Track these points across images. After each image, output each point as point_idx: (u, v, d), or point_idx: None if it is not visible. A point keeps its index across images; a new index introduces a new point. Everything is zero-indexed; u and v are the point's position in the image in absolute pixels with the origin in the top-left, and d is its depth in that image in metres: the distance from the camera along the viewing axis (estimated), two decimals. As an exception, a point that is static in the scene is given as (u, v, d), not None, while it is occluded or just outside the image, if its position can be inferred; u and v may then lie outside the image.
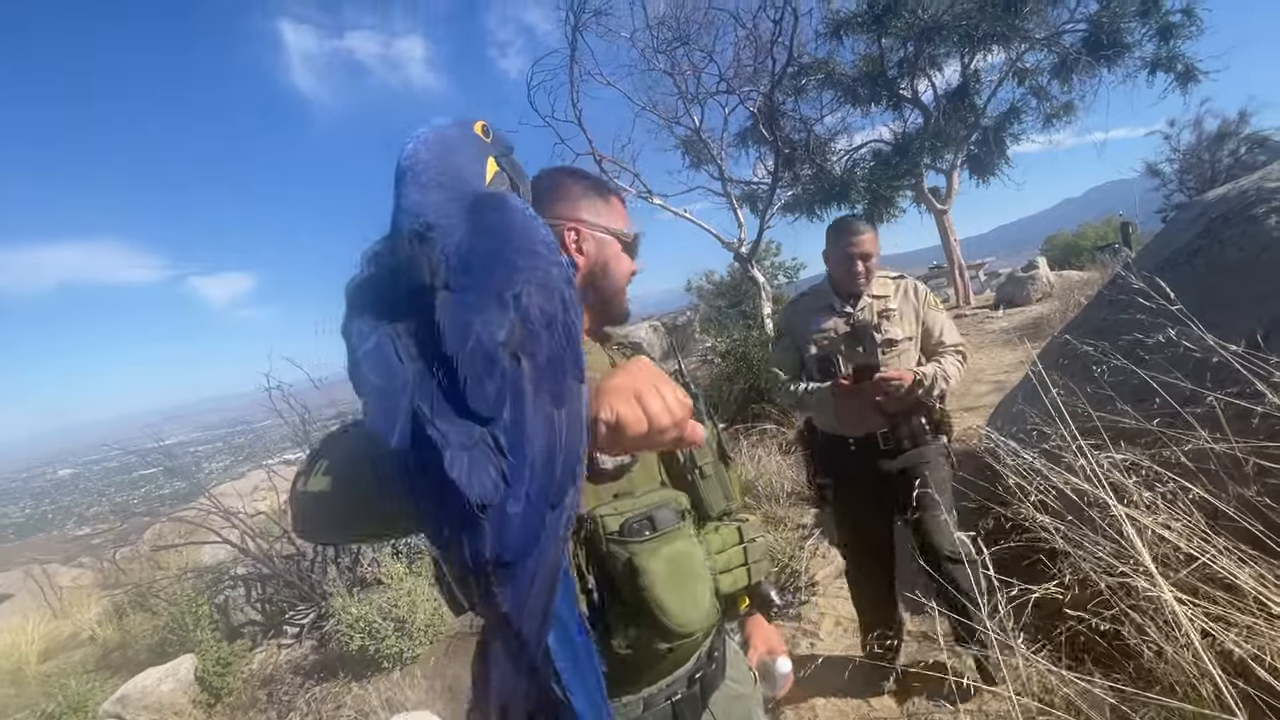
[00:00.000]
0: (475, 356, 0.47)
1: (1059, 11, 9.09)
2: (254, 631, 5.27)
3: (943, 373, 2.05)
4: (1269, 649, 0.99)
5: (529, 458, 0.46)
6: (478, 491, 0.44)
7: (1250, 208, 2.54)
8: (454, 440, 0.45)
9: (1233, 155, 12.60)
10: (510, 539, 0.45)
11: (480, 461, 0.45)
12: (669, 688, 0.84)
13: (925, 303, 2.14)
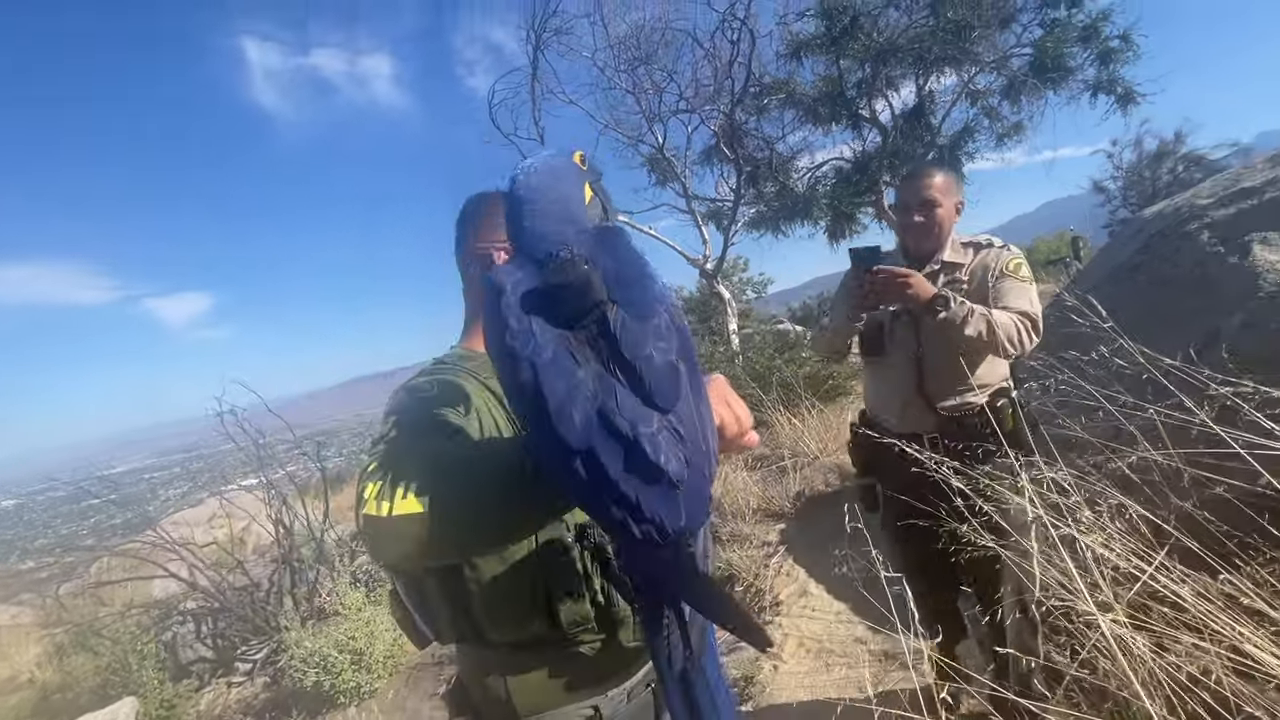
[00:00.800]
0: (654, 359, 0.56)
1: (1006, 36, 9.47)
2: (203, 669, 5.02)
3: (983, 313, 1.59)
4: (1212, 667, 0.99)
5: (699, 441, 0.56)
6: (674, 469, 0.52)
7: (1185, 224, 2.64)
8: (643, 430, 0.53)
9: (1171, 173, 13.27)
10: (697, 509, 0.54)
11: (669, 445, 0.53)
12: (647, 674, 0.91)
13: (1001, 269, 1.75)
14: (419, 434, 0.73)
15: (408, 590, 0.89)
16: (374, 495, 0.62)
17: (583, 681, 0.86)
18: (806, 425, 5.13)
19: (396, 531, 0.61)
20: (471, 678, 0.90)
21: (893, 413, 1.82)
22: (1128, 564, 1.12)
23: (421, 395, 0.81)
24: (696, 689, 0.61)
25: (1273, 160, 2.60)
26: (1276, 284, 2.01)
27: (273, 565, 5.61)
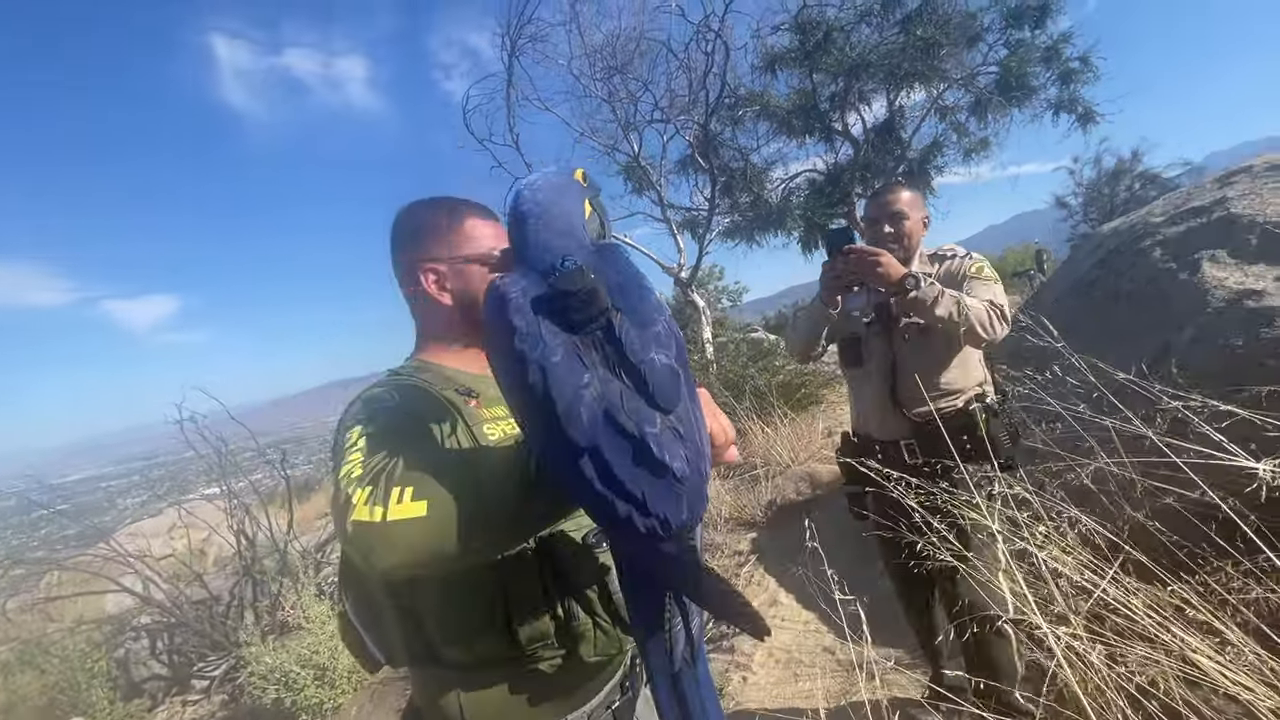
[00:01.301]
0: (656, 364, 0.60)
1: (973, 55, 9.74)
2: (157, 688, 4.84)
3: (953, 294, 1.61)
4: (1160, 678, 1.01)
5: (696, 441, 0.59)
6: (678, 466, 0.56)
7: (1139, 240, 2.73)
8: (649, 429, 0.56)
9: (1128, 190, 13.78)
10: (697, 504, 0.58)
11: (673, 443, 0.57)
12: (607, 696, 0.90)
13: (965, 273, 1.79)
14: (402, 439, 0.72)
15: (358, 611, 0.86)
16: (364, 501, 0.61)
17: (542, 699, 0.84)
18: (779, 434, 5.17)
19: (395, 537, 0.60)
20: (425, 700, 0.87)
21: (873, 421, 1.87)
22: (1080, 577, 1.14)
23: (388, 404, 0.79)
24: (687, 687, 0.62)
25: (1220, 181, 2.71)
26: (1224, 300, 2.08)
27: (234, 578, 5.44)
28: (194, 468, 7.60)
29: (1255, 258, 2.13)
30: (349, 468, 0.66)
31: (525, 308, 0.61)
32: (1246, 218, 2.28)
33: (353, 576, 0.87)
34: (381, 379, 0.90)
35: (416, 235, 0.93)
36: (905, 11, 9.15)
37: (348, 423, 0.75)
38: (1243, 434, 1.36)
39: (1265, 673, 0.95)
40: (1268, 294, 1.97)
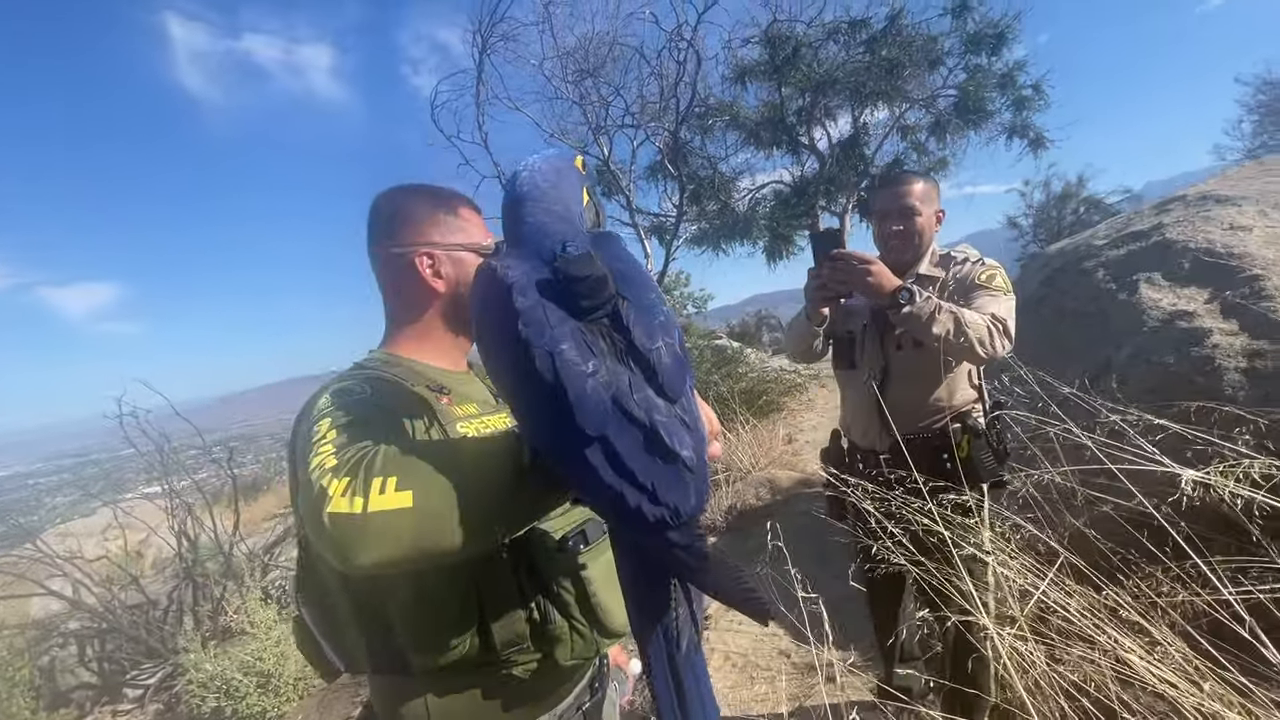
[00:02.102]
0: (663, 352, 0.58)
1: (934, 78, 10.11)
2: (85, 697, 4.58)
3: (951, 310, 1.48)
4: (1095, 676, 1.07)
5: (700, 430, 0.59)
6: (687, 455, 0.55)
7: (1083, 261, 2.87)
8: (658, 417, 0.55)
9: (1074, 213, 14.48)
10: (704, 491, 0.57)
11: (681, 431, 0.56)
12: (578, 698, 0.89)
13: (974, 281, 1.65)
14: (378, 431, 0.68)
15: (316, 617, 0.82)
16: (341, 492, 0.57)
17: (515, 704, 0.81)
18: (740, 440, 5.24)
19: (378, 529, 0.56)
20: (386, 708, 0.83)
21: (858, 428, 1.80)
22: (1024, 580, 1.19)
23: (359, 395, 0.76)
24: (685, 675, 0.60)
25: (1158, 208, 2.88)
26: (1159, 320, 2.21)
27: (173, 581, 5.20)
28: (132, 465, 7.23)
29: (1187, 281, 2.27)
30: (320, 459, 0.62)
31: (530, 291, 0.58)
32: (1180, 243, 2.43)
33: (311, 579, 0.82)
34: (346, 372, 0.87)
35: (409, 220, 0.90)
36: (871, 32, 9.43)
37: (314, 416, 0.71)
38: (1174, 446, 1.44)
39: (1189, 670, 1.01)
40: (1198, 315, 2.10)
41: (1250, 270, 2.10)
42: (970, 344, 1.47)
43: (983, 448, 1.65)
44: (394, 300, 0.94)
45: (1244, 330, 1.97)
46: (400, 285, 0.91)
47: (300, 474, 0.65)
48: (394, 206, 0.92)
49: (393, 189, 0.94)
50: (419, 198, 0.93)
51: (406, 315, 0.93)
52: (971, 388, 1.73)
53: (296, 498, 0.72)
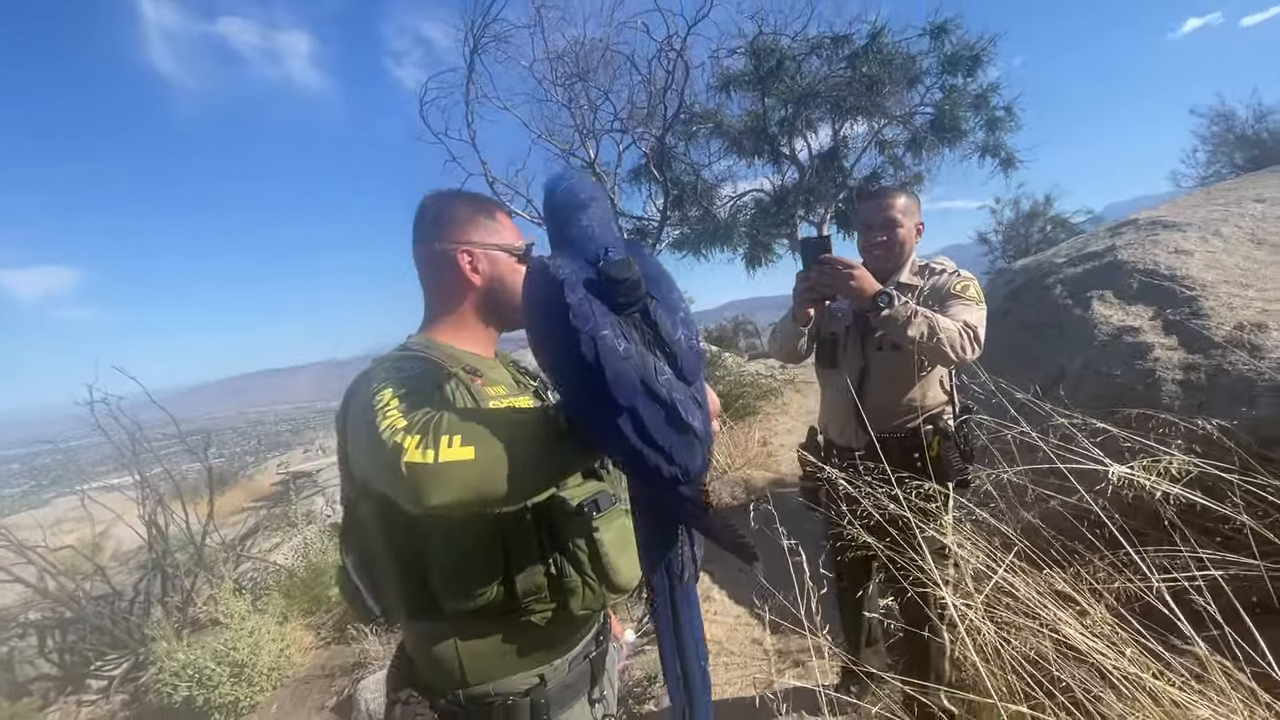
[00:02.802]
0: (683, 344, 0.72)
1: (912, 95, 10.41)
2: (45, 688, 4.48)
3: (926, 315, 1.60)
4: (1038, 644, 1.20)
5: (708, 408, 0.73)
6: (698, 426, 0.68)
7: (1045, 277, 3.06)
8: (679, 394, 0.68)
9: (1041, 231, 15.02)
10: (708, 456, 0.70)
11: (693, 408, 0.69)
12: (585, 647, 1.00)
13: (949, 291, 1.77)
14: (434, 399, 0.81)
15: (359, 568, 0.93)
16: (415, 446, 0.67)
17: (532, 649, 0.92)
18: (716, 441, 5.36)
19: (447, 477, 0.66)
20: (421, 650, 0.93)
21: (835, 426, 1.91)
22: (975, 561, 1.32)
23: (414, 370, 0.87)
24: (681, 602, 0.74)
25: (1112, 230, 3.08)
26: (1108, 334, 2.39)
27: (139, 572, 5.12)
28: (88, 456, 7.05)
29: (1135, 299, 2.45)
30: (390, 420, 0.72)
31: (578, 287, 0.69)
32: (1130, 264, 2.61)
33: (355, 533, 0.93)
34: (393, 353, 0.97)
35: (453, 221, 1.01)
36: (853, 49, 9.69)
37: (373, 387, 0.80)
38: (1117, 449, 1.59)
39: (1115, 641, 1.15)
40: (1143, 331, 2.28)
41: (1190, 291, 2.29)
42: (942, 346, 1.58)
43: (951, 448, 1.78)
44: (433, 292, 1.05)
45: (1182, 345, 2.15)
46: (441, 279, 1.03)
47: (361, 437, 0.76)
48: (439, 209, 1.03)
49: (438, 194, 1.05)
50: (461, 202, 1.04)
51: (444, 306, 1.04)
52: (943, 391, 1.86)
53: (353, 457, 0.83)
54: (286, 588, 4.89)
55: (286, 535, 5.85)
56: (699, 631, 0.76)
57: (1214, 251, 2.50)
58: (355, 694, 3.40)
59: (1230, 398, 1.86)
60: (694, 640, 0.75)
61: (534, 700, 0.91)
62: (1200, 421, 1.61)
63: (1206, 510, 1.45)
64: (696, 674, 0.75)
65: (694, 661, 0.75)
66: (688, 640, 0.74)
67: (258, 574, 5.21)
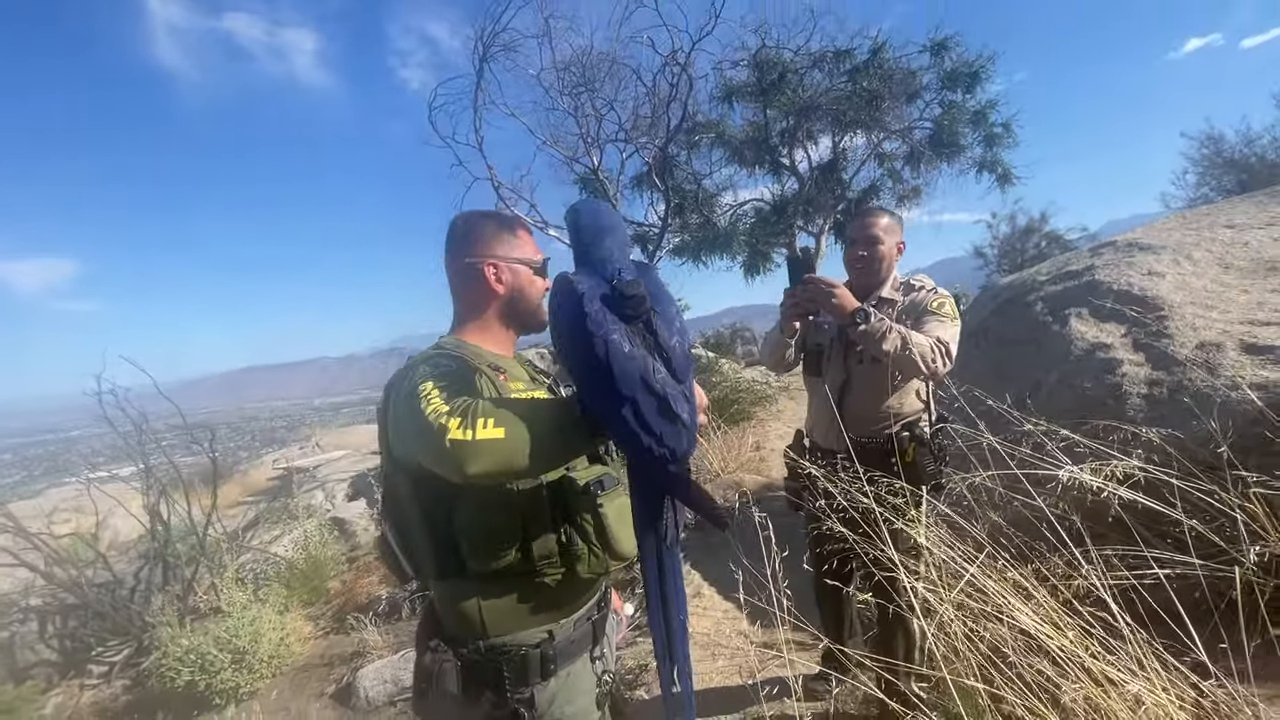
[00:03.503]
0: (677, 349, 0.88)
1: (911, 110, 10.60)
2: (48, 673, 4.56)
3: (900, 331, 1.73)
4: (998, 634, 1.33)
5: (695, 402, 0.88)
6: (685, 416, 0.83)
7: (1026, 294, 3.19)
8: (671, 390, 0.83)
9: (1036, 247, 15.21)
10: (692, 442, 0.85)
11: (682, 401, 0.84)
12: (588, 611, 1.14)
13: (926, 308, 1.89)
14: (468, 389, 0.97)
15: (396, 534, 1.08)
16: (457, 426, 0.82)
17: (543, 608, 1.06)
18: (711, 444, 5.48)
19: (482, 451, 0.81)
20: (446, 606, 1.08)
21: (819, 430, 2.06)
22: (946, 557, 1.45)
23: (449, 366, 1.03)
24: (667, 564, 0.89)
25: (1092, 251, 3.22)
26: (1082, 350, 2.52)
27: (139, 561, 5.21)
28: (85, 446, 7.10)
29: (1109, 317, 2.59)
30: (434, 406, 0.86)
31: (595, 299, 0.86)
32: (1106, 284, 2.75)
33: (394, 506, 1.08)
34: (430, 350, 1.12)
35: (480, 238, 1.17)
36: (854, 63, 9.86)
37: (416, 379, 0.94)
38: (1083, 457, 1.72)
39: (1059, 625, 1.28)
40: (1114, 348, 2.41)
41: (1159, 311, 2.43)
42: (915, 360, 1.72)
43: (925, 454, 1.92)
44: (463, 299, 1.20)
45: (1148, 362, 2.28)
46: (469, 288, 1.18)
47: (406, 420, 0.92)
48: (469, 227, 1.18)
49: (468, 213, 1.21)
50: (488, 221, 1.20)
51: (472, 312, 1.19)
52: (920, 401, 2.00)
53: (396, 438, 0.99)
54: (287, 579, 4.99)
55: (287, 528, 5.94)
56: (681, 594, 0.91)
57: (1184, 274, 2.64)
58: (354, 682, 3.51)
59: (1187, 411, 1.99)
60: (676, 593, 0.90)
61: (543, 652, 1.04)
62: (1143, 430, 1.74)
63: (1162, 515, 1.58)
64: (677, 623, 0.90)
65: (675, 613, 0.90)
66: (671, 593, 0.90)
67: (258, 565, 5.30)
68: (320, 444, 11.33)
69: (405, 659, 3.45)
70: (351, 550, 5.84)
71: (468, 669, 1.03)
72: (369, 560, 5.39)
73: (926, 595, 1.35)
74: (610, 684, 1.16)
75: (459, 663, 1.03)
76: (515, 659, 1.03)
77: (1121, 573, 1.48)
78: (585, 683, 1.11)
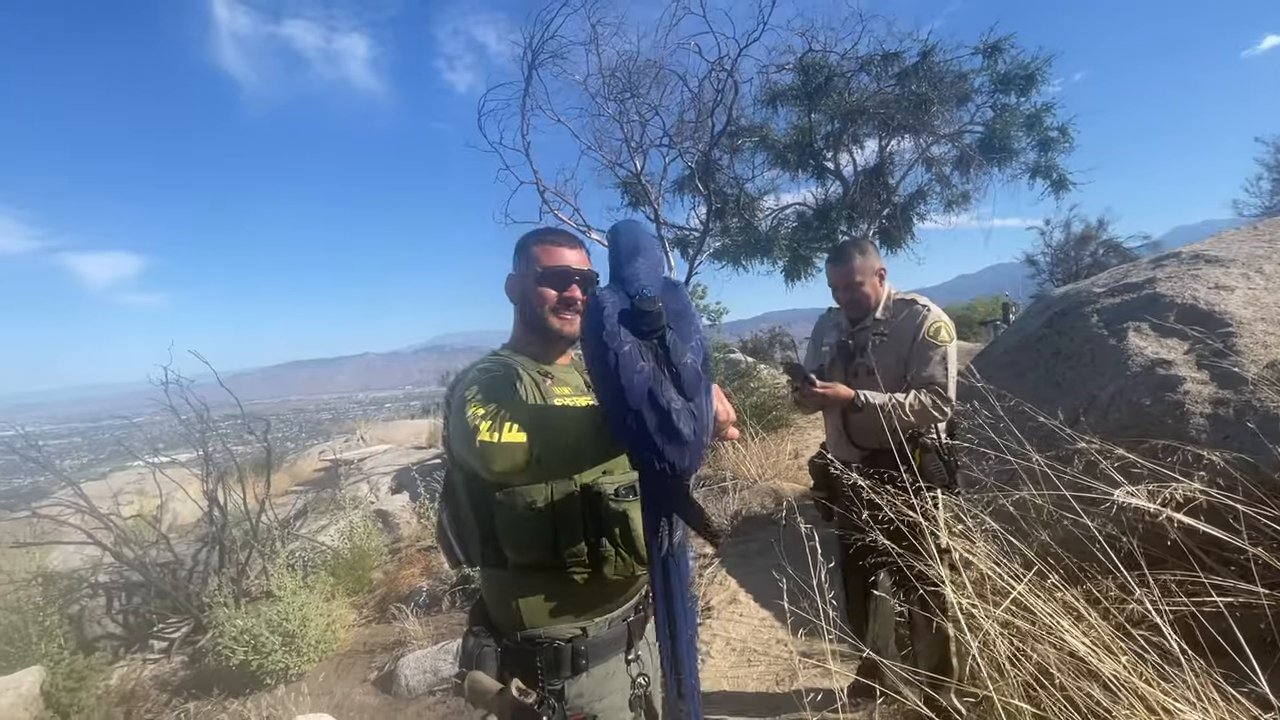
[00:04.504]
0: (688, 367, 0.89)
1: (961, 114, 10.30)
2: (113, 646, 4.84)
3: (895, 403, 1.95)
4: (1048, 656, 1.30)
5: (704, 420, 0.88)
6: (686, 433, 0.85)
7: (1082, 306, 3.09)
8: (676, 406, 0.85)
9: (1092, 256, 14.60)
10: (696, 458, 0.87)
11: (688, 419, 0.85)
12: (624, 612, 1.18)
13: (924, 335, 2.04)
14: (505, 395, 1.04)
15: (451, 522, 1.16)
16: (487, 429, 0.92)
17: (575, 606, 1.12)
18: (749, 451, 5.46)
19: (503, 451, 0.90)
20: (489, 593, 1.17)
21: (831, 442, 2.22)
22: (990, 571, 1.42)
23: (495, 373, 1.11)
24: (670, 571, 0.93)
25: (1154, 262, 3.09)
26: (1141, 365, 2.42)
27: (197, 544, 5.47)
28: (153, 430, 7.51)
29: (1170, 332, 2.48)
30: (474, 410, 0.96)
31: (613, 316, 0.91)
32: (1168, 297, 2.64)
33: (450, 494, 1.16)
34: (487, 357, 1.22)
35: (518, 251, 1.28)
36: (903, 66, 9.66)
37: (467, 384, 1.05)
38: (1139, 476, 1.67)
39: (1114, 651, 1.24)
40: (1175, 364, 2.32)
41: (1226, 327, 2.32)
42: (913, 420, 1.97)
43: (933, 460, 2.05)
44: (517, 310, 1.28)
45: (1213, 380, 2.18)
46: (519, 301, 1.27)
47: (455, 420, 1.02)
48: (521, 244, 1.27)
49: (527, 233, 1.29)
50: (527, 237, 1.28)
51: (516, 321, 1.29)
52: None
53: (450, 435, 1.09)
54: (333, 567, 5.18)
55: (333, 518, 6.16)
56: (687, 606, 0.95)
57: (1255, 289, 2.51)
58: (396, 670, 3.63)
59: (1254, 434, 1.90)
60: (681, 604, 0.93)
61: (575, 648, 1.10)
62: (1206, 452, 1.67)
63: (1223, 540, 1.51)
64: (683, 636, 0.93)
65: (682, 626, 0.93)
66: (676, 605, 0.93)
67: (306, 553, 5.51)
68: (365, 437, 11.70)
69: (445, 650, 3.56)
70: (394, 542, 6.02)
71: (506, 656, 1.11)
72: (411, 552, 5.55)
73: (971, 610, 1.33)
74: (645, 686, 1.19)
75: (498, 649, 1.11)
76: (549, 651, 1.09)
77: (1179, 599, 1.43)
78: (618, 682, 1.15)
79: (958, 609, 1.32)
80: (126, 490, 7.98)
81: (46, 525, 5.47)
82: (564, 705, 1.08)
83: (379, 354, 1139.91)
